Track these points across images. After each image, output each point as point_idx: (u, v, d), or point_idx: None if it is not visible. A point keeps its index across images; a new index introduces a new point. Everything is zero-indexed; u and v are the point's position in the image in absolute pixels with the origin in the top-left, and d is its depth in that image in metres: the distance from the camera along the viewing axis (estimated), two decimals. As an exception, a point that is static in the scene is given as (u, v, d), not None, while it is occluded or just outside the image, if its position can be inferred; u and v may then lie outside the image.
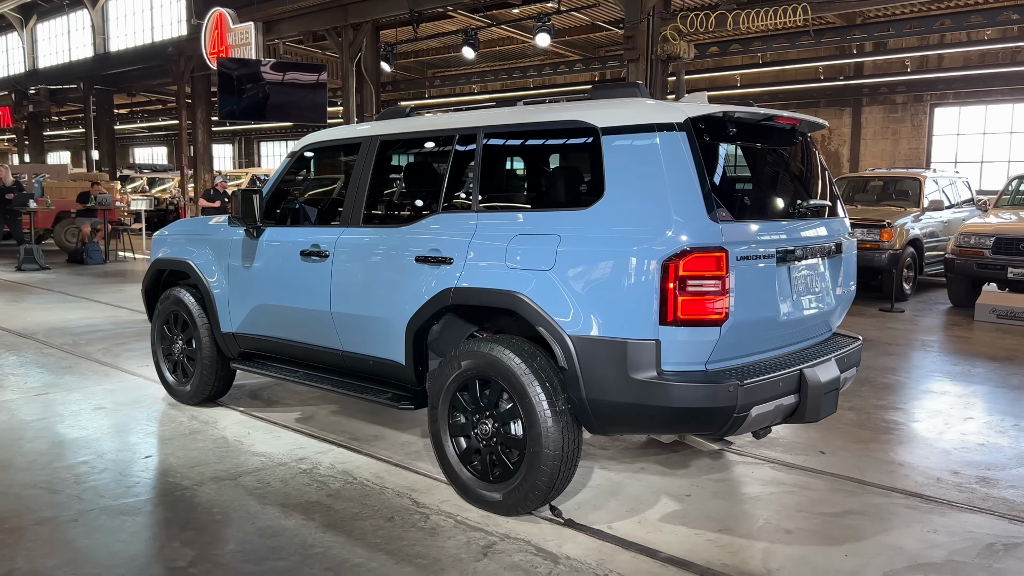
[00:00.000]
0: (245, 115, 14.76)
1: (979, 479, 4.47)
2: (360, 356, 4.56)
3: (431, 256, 4.09)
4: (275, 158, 33.01)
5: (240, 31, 16.87)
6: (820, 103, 17.12)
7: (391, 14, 14.55)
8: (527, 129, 4.05)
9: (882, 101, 16.14)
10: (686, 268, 3.30)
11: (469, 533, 3.71)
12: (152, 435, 5.14)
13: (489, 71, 20.57)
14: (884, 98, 16.07)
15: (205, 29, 17.41)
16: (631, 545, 3.61)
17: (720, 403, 3.34)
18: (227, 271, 5.33)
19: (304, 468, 4.54)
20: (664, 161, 3.42)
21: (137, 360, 7.25)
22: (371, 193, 4.62)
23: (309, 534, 3.70)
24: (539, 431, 3.63)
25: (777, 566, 3.42)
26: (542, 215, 3.84)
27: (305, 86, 14.61)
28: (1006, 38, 13.92)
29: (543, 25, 12.45)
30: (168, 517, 3.90)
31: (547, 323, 3.57)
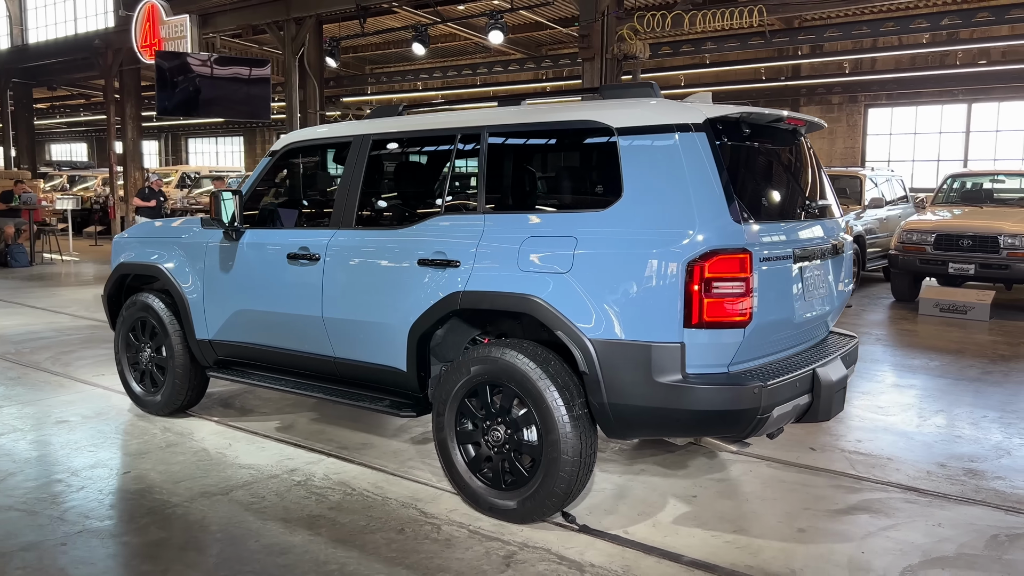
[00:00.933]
0: (185, 110, 14.25)
1: (966, 471, 4.60)
2: (355, 363, 4.40)
3: (435, 259, 3.98)
4: (204, 155, 32.05)
5: (174, 24, 16.28)
6: (760, 103, 17.49)
7: (335, 8, 14.24)
8: (536, 129, 3.97)
9: (819, 101, 16.61)
10: (711, 270, 3.28)
11: (486, 543, 3.62)
12: (125, 449, 4.87)
13: (431, 68, 20.36)
14: (821, 98, 16.54)
15: (136, 21, 16.73)
16: (652, 550, 3.58)
17: (745, 405, 3.34)
18: (202, 275, 5.10)
19: (298, 480, 4.37)
20: (685, 162, 3.39)
21: (89, 369, 6.90)
22: (364, 194, 4.47)
23: (319, 550, 3.55)
24: (557, 436, 3.56)
25: (800, 566, 3.44)
26: (556, 217, 3.77)
27: (248, 81, 14.18)
28: (935, 42, 14.49)
29: (496, 23, 12.37)
30: (164, 537, 3.69)
31: (566, 327, 3.50)
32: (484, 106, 4.37)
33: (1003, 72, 14.44)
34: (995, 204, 11.85)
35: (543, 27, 17.81)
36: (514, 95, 4.45)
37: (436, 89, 21.05)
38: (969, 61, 14.47)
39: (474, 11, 16.23)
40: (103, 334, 8.53)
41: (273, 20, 15.03)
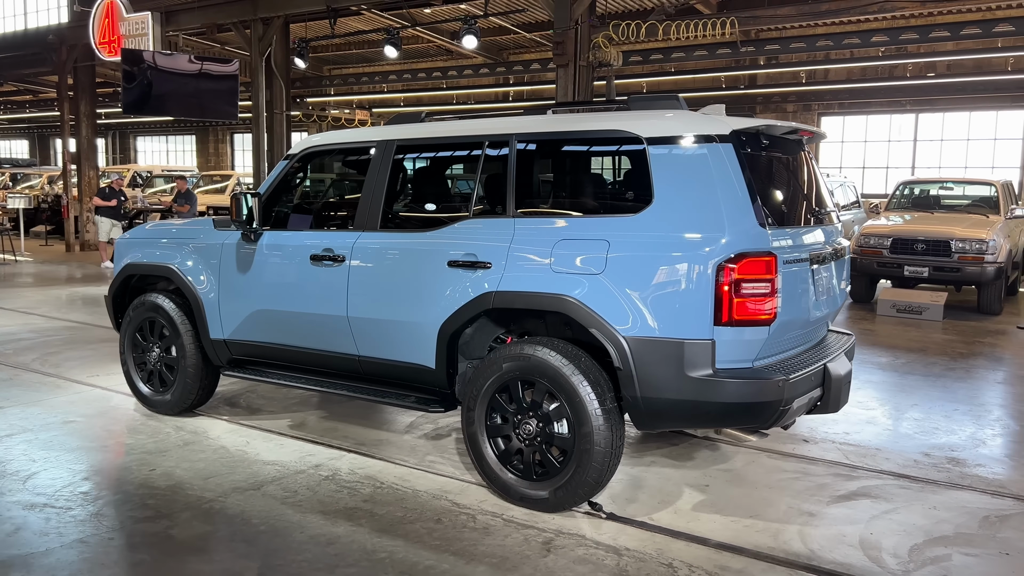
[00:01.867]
0: (151, 109, 14.07)
1: (949, 459, 4.95)
2: (380, 361, 4.54)
3: (466, 260, 4.15)
4: (153, 153, 31.43)
5: (135, 21, 16.01)
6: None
7: (305, 9, 14.21)
8: (565, 137, 4.18)
9: (775, 109, 17.19)
10: (740, 272, 3.53)
11: (523, 531, 3.80)
12: (143, 448, 4.92)
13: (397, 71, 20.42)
14: (776, 106, 17.12)
15: (94, 17, 16.40)
16: (678, 535, 3.81)
17: (770, 397, 3.60)
18: (218, 276, 5.17)
19: (325, 475, 4.49)
20: (714, 170, 3.64)
21: (81, 369, 6.87)
22: (389, 197, 4.61)
23: (365, 539, 3.69)
24: (590, 429, 3.77)
25: (817, 547, 3.71)
26: (587, 221, 3.98)
27: (215, 80, 14.07)
28: (885, 56, 15.16)
29: (470, 28, 12.53)
30: (208, 531, 3.79)
31: (601, 325, 3.71)
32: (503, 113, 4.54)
33: (947, 85, 15.18)
34: (944, 210, 12.46)
35: (507, 31, 18.02)
36: (540, 105, 4.64)
37: (398, 92, 21.10)
38: (917, 74, 15.17)
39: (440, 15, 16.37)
40: (84, 335, 8.46)
41: (240, 19, 14.91)
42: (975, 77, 14.73)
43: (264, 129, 14.93)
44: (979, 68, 14.88)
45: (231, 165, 28.16)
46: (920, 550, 3.69)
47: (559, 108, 4.41)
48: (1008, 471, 4.79)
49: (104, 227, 15.30)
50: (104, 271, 14.54)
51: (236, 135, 28.16)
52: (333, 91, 20.53)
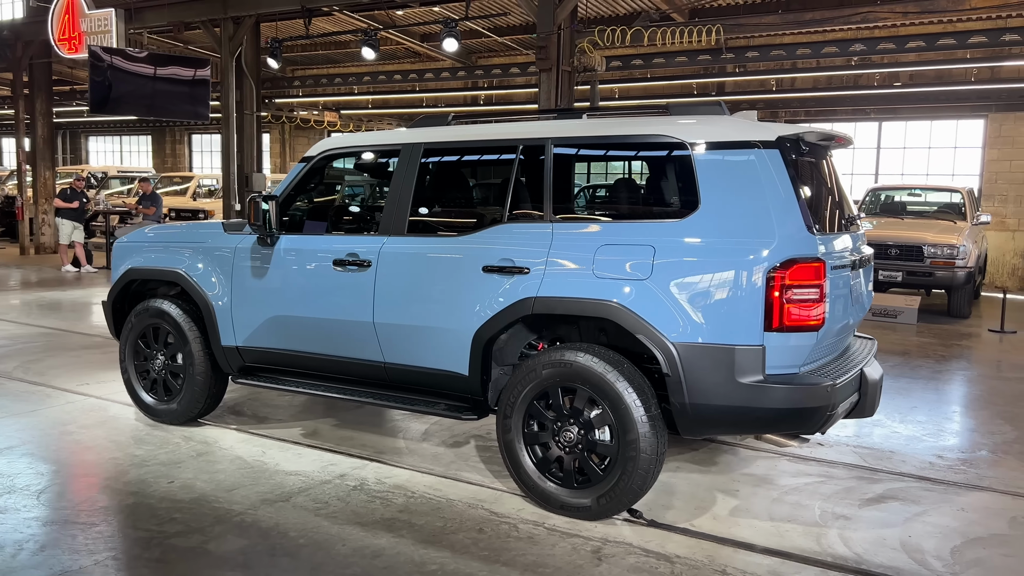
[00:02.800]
0: (120, 109, 13.67)
1: (962, 461, 5.05)
2: (408, 367, 4.46)
3: (502, 266, 4.10)
4: (106, 154, 30.54)
5: (97, 18, 15.55)
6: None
7: (278, 9, 13.98)
8: (605, 141, 4.16)
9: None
10: (791, 278, 3.54)
11: (568, 540, 3.76)
12: (156, 460, 4.74)
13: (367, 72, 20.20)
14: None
15: (53, 13, 15.88)
16: (724, 540, 3.81)
17: (820, 402, 3.62)
18: (230, 281, 5.03)
19: (352, 485, 4.39)
20: (762, 176, 3.65)
21: (67, 378, 6.62)
22: (416, 201, 4.53)
23: (411, 551, 3.61)
24: (635, 436, 3.75)
25: (861, 550, 3.74)
26: (630, 226, 3.96)
27: (186, 81, 13.74)
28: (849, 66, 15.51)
29: (450, 31, 12.45)
30: (246, 545, 3.66)
31: (648, 331, 3.70)
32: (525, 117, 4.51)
33: (909, 95, 15.56)
34: (912, 216, 12.77)
35: (478, 35, 17.97)
36: (573, 108, 4.60)
37: (368, 94, 20.86)
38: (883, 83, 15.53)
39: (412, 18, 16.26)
40: (61, 341, 8.16)
41: (209, 18, 14.60)
42: (936, 87, 15.13)
43: (234, 130, 14.64)
44: (940, 78, 15.30)
45: (189, 166, 27.53)
46: (960, 552, 3.75)
47: (593, 113, 4.39)
48: (1019, 473, 4.89)
49: (65, 229, 14.83)
50: (65, 275, 14.09)
51: (194, 136, 27.55)
52: (301, 92, 20.20)
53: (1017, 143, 15.51)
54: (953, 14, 8.47)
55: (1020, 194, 15.58)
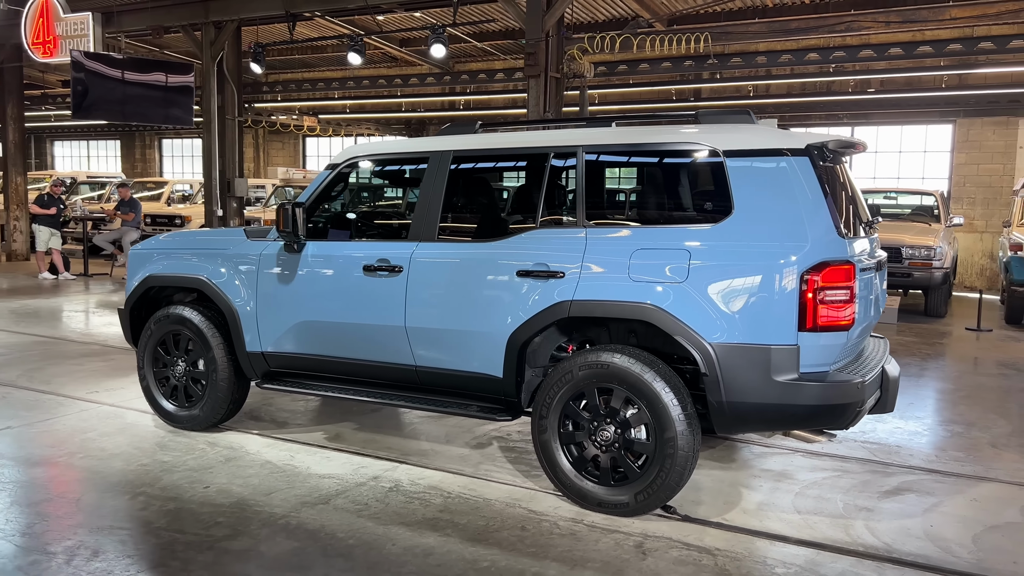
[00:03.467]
0: (103, 113, 13.51)
1: (966, 454, 5.26)
2: (441, 371, 4.55)
3: (537, 270, 4.21)
4: (72, 159, 30.04)
5: (73, 21, 15.35)
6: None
7: (262, 14, 13.94)
8: (636, 149, 4.29)
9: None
10: (824, 280, 3.70)
11: (610, 535, 3.88)
12: (186, 466, 4.77)
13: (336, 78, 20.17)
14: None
15: (26, 17, 15.65)
16: (758, 533, 3.96)
17: (852, 399, 3.78)
18: (255, 287, 5.07)
19: (387, 487, 4.46)
20: (795, 182, 3.81)
21: (76, 385, 6.59)
22: (447, 207, 4.63)
23: (461, 549, 3.70)
24: (673, 434, 3.88)
25: (889, 540, 3.91)
26: (665, 231, 4.09)
27: (171, 87, 13.63)
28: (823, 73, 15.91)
29: (438, 37, 12.52)
30: (298, 547, 3.72)
31: (686, 333, 3.83)
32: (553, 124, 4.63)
33: (882, 100, 16.00)
34: (887, 218, 13.12)
35: (457, 40, 18.06)
36: (602, 116, 4.72)
37: (346, 99, 20.83)
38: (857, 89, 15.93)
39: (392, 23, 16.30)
40: (58, 350, 8.09)
41: (190, 22, 14.51)
42: (907, 94, 15.57)
43: (216, 135, 14.56)
44: (909, 85, 15.74)
45: (159, 171, 27.20)
46: (980, 539, 3.94)
47: (622, 121, 4.52)
48: (1021, 464, 5.11)
49: (43, 236, 14.60)
50: (42, 282, 13.89)
51: (165, 140, 27.23)
52: (281, 97, 20.11)
53: (984, 147, 16.01)
54: (933, 23, 8.78)
55: (987, 197, 16.08)
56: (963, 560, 3.71)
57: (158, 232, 18.40)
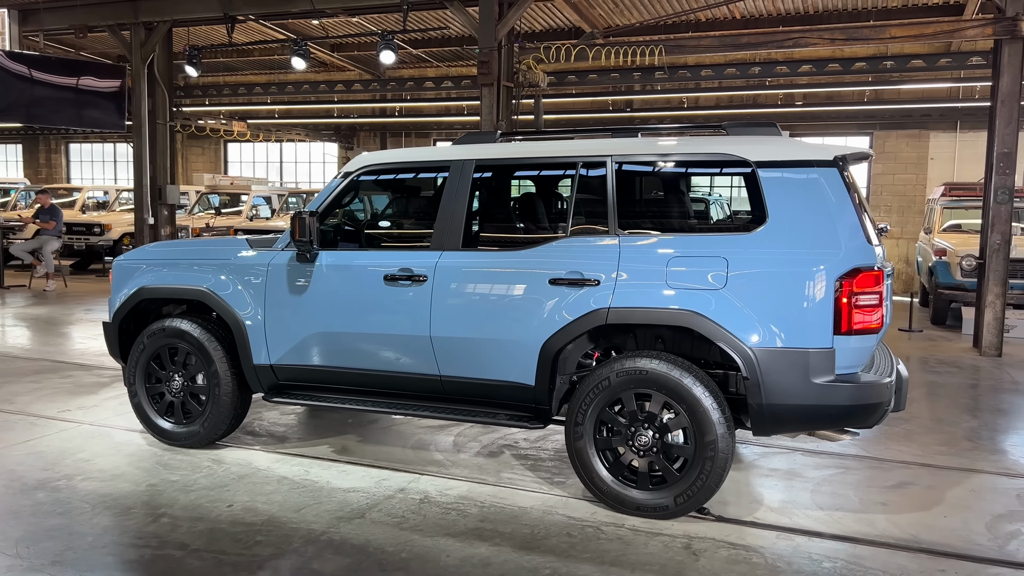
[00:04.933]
0: (27, 116, 12.77)
1: (948, 448, 5.58)
2: (468, 380, 4.53)
3: (570, 278, 4.25)
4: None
5: (-15, 18, 14.53)
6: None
7: (199, 15, 13.50)
8: (667, 159, 4.38)
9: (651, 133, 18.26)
10: (858, 285, 3.89)
11: (656, 538, 3.95)
12: (198, 484, 4.59)
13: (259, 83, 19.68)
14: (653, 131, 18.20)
15: (-68, 12, 14.70)
16: (793, 531, 4.10)
17: (882, 398, 3.98)
18: (263, 298, 4.93)
19: (417, 498, 4.41)
20: (826, 192, 3.98)
21: (42, 404, 6.25)
22: (471, 216, 4.62)
23: (517, 558, 3.70)
24: (714, 437, 3.99)
25: (913, 531, 4.12)
26: (699, 239, 4.20)
27: (100, 88, 13.03)
28: (748, 87, 16.57)
29: (387, 43, 12.39)
30: (351, 562, 3.64)
31: (727, 338, 3.95)
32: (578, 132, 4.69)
33: (806, 113, 16.79)
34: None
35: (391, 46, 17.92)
36: (629, 127, 4.80)
37: (281, 103, 20.33)
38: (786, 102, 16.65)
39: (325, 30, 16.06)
40: (8, 367, 7.63)
41: (117, 22, 13.92)
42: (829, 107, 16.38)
43: (147, 140, 14.00)
44: (830, 99, 16.56)
45: (66, 177, 25.88)
46: (993, 527, 4.20)
47: (647, 132, 4.61)
48: (999, 456, 5.46)
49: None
50: (-42, 295, 13.04)
51: (72, 145, 25.93)
52: (209, 101, 19.46)
53: (899, 158, 16.98)
54: (876, 42, 9.29)
55: (902, 205, 17.04)
56: (985, 547, 3.95)
57: (75, 241, 17.58)
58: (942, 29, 9.29)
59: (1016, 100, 9.14)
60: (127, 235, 17.07)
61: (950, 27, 9.33)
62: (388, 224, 5.46)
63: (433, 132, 21.85)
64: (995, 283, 9.38)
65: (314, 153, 23.59)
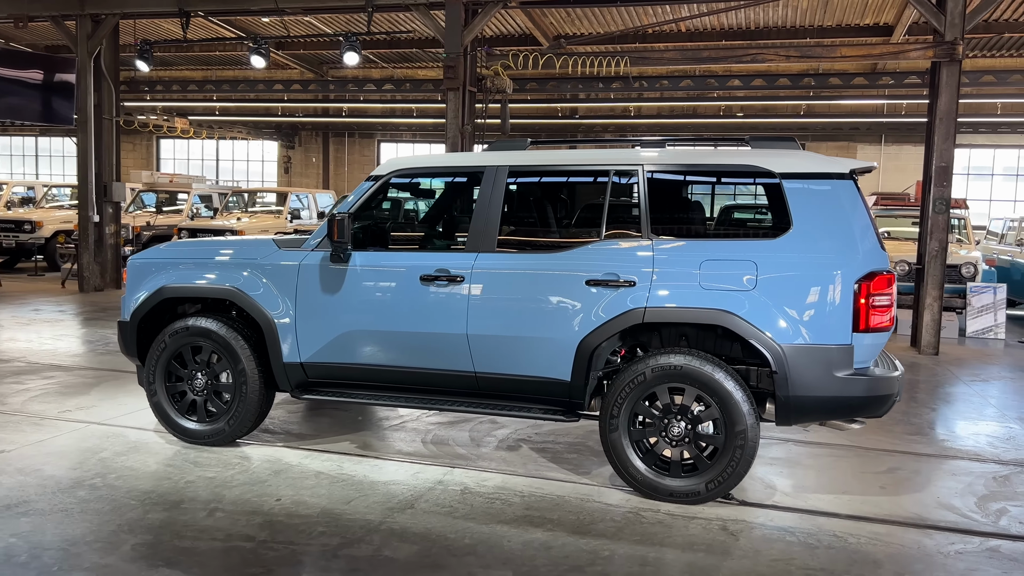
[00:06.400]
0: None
1: (921, 437, 6.09)
2: (503, 376, 4.74)
3: (607, 279, 4.52)
4: None
5: (-87, 4, 13.87)
6: (541, 135, 19.25)
7: (150, 9, 13.22)
8: (697, 169, 4.70)
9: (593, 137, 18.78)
10: (875, 287, 4.28)
11: (694, 522, 4.26)
12: (236, 481, 4.66)
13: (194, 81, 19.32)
14: (596, 135, 18.71)
15: None
16: (812, 512, 4.47)
17: (894, 390, 4.39)
18: (294, 297, 5.03)
19: (457, 490, 4.60)
20: (845, 202, 4.37)
21: (40, 404, 6.16)
22: (505, 220, 4.83)
23: (574, 542, 3.94)
24: (744, 427, 4.33)
25: (916, 510, 4.55)
26: (730, 243, 4.53)
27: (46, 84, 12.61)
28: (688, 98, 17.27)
29: (351, 45, 12.38)
30: (419, 549, 3.82)
31: (759, 336, 4.29)
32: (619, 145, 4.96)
33: (744, 124, 17.59)
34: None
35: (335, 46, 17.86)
36: (656, 138, 5.08)
37: (211, 102, 19.93)
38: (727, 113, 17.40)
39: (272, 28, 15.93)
40: (-18, 367, 7.41)
41: (62, 13, 13.50)
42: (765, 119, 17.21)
43: (92, 136, 13.62)
44: (765, 111, 17.39)
45: (-18, 171, 24.72)
46: (984, 504, 4.67)
47: (675, 143, 4.92)
48: (971, 441, 6.00)
49: None
50: None
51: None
52: (150, 97, 18.96)
53: (828, 169, 17.94)
54: (827, 60, 9.91)
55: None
56: (982, 523, 4.40)
57: (4, 239, 16.85)
58: (888, 51, 9.97)
59: (953, 118, 9.90)
60: (61, 233, 16.50)
61: (895, 48, 10.03)
62: (417, 225, 5.61)
63: (378, 133, 21.86)
64: (933, 287, 10.12)
65: (252, 151, 23.22)
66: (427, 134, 21.78)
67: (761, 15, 13.51)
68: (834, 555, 3.91)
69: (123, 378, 7.13)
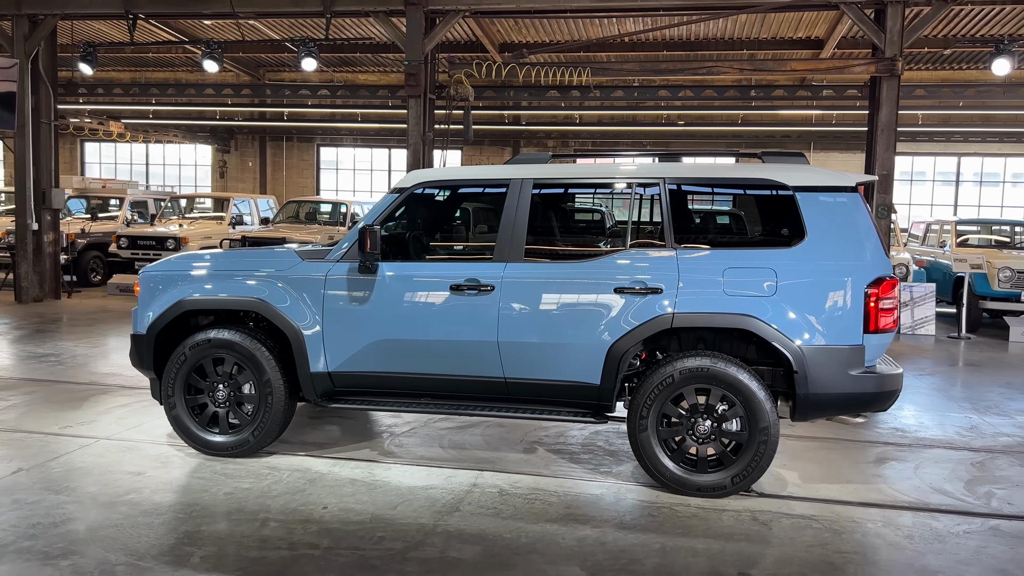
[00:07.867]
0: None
1: (897, 431, 6.56)
2: (533, 381, 4.92)
3: (634, 287, 4.77)
4: None
5: None
6: (485, 142, 19.41)
7: (93, 11, 12.81)
8: (715, 181, 4.99)
9: (536, 144, 19.09)
10: (883, 292, 4.66)
11: (724, 513, 4.54)
12: (273, 491, 4.70)
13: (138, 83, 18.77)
14: (539, 141, 19.02)
15: None
16: (824, 501, 4.81)
17: (897, 386, 4.78)
18: (321, 308, 5.09)
19: (494, 492, 4.76)
20: (854, 213, 4.74)
21: (34, 422, 6.04)
22: (531, 230, 5.02)
23: (624, 536, 4.17)
24: (767, 424, 4.64)
25: (913, 495, 4.95)
26: (750, 252, 4.84)
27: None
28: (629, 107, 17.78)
29: (309, 51, 12.28)
30: (481, 549, 3.97)
31: (780, 338, 4.61)
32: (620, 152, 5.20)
33: (682, 132, 18.20)
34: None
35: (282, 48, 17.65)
36: (671, 152, 5.34)
37: (148, 105, 19.34)
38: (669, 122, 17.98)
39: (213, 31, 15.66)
40: (-46, 384, 7.14)
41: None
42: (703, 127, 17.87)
43: (30, 140, 13.11)
44: (702, 119, 18.06)
45: None
46: (972, 488, 5.11)
47: (689, 158, 5.20)
48: (951, 432, 6.49)
49: None
50: None
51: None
52: (82, 100, 18.25)
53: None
54: (779, 73, 10.46)
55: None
56: (976, 505, 4.83)
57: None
58: (834, 65, 10.59)
59: (893, 129, 10.59)
60: (-10, 240, 15.76)
61: (841, 63, 10.67)
62: (441, 236, 5.72)
63: (317, 138, 21.64)
64: (877, 288, 10.78)
65: (184, 155, 22.63)
66: (369, 139, 21.68)
67: (703, 28, 14.07)
68: (860, 539, 4.25)
69: (111, 391, 6.98)
